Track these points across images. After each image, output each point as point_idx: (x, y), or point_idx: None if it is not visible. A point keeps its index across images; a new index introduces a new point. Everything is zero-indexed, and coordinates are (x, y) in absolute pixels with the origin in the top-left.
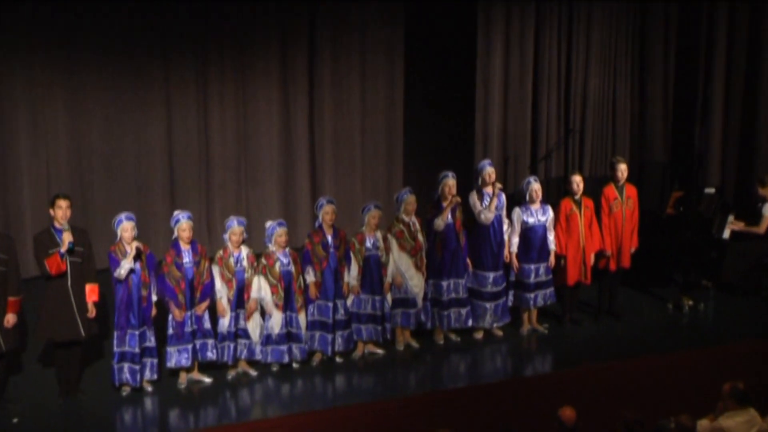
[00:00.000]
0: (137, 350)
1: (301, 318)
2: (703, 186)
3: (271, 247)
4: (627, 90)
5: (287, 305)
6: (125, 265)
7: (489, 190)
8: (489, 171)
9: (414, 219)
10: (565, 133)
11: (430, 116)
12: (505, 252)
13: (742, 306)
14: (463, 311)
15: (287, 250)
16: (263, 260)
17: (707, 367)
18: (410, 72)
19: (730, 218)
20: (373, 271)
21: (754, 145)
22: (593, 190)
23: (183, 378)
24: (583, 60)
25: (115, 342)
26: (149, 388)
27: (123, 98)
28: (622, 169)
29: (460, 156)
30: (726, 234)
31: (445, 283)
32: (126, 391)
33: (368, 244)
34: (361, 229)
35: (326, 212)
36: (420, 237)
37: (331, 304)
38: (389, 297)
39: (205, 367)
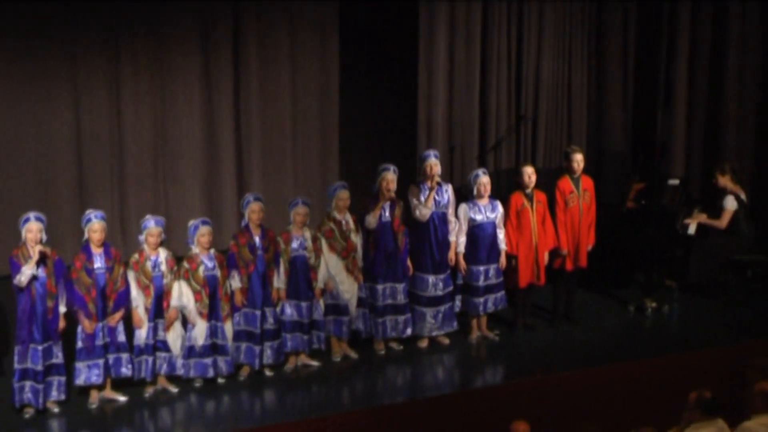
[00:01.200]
0: (40, 368)
1: (228, 328)
2: (666, 177)
3: (195, 249)
4: (583, 73)
5: (212, 314)
6: (26, 272)
7: (431, 183)
8: (431, 162)
9: (348, 217)
10: (516, 120)
11: (369, 102)
12: (451, 253)
13: (710, 308)
14: (401, 319)
15: (212, 252)
16: (185, 264)
17: (672, 375)
18: (346, 53)
19: (696, 212)
20: (299, 274)
21: (720, 132)
22: (546, 182)
23: (94, 397)
24: (536, 41)
25: (15, 358)
26: (55, 410)
27: (23, 83)
28: (578, 159)
29: (402, 146)
30: (691, 229)
31: (380, 288)
32: (29, 413)
33: (294, 244)
34: (287, 228)
35: (253, 210)
36: (353, 237)
37: (258, 313)
38: (321, 303)
39: (120, 384)
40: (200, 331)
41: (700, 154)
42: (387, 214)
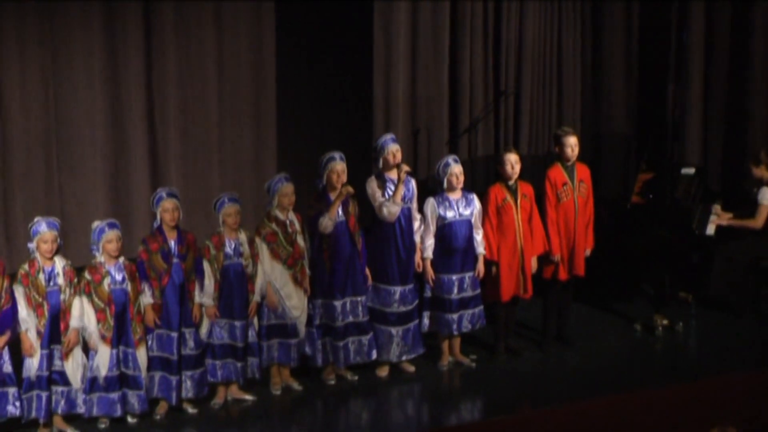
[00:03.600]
0: None
1: (140, 355)
2: (679, 166)
3: (99, 257)
4: (576, 40)
5: (121, 338)
6: None
7: (393, 175)
8: (392, 149)
9: (292, 216)
10: (495, 97)
11: (312, 77)
12: (417, 258)
13: (734, 325)
14: (366, 339)
15: (122, 262)
16: (87, 275)
17: (688, 408)
18: (283, 18)
19: (715, 208)
20: (234, 286)
21: (743, 111)
22: (533, 172)
23: None
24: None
25: None
26: None
27: None
28: (572, 143)
29: (355, 130)
30: (710, 230)
31: (338, 304)
32: None
33: (228, 249)
34: (218, 230)
35: (165, 209)
36: (300, 241)
37: (175, 335)
38: (255, 322)
39: (6, 426)
40: (103, 360)
41: (720, 136)
42: (341, 212)
